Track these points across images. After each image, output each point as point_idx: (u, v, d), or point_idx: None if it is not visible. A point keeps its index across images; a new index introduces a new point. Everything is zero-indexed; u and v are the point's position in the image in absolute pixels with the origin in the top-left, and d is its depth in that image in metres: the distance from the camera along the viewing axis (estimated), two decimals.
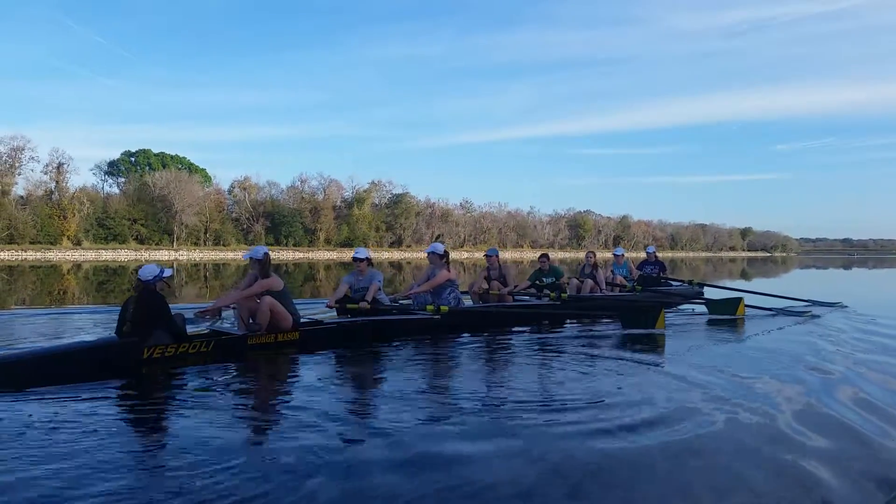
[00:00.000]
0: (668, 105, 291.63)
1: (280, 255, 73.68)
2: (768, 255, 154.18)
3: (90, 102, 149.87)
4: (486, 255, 10.68)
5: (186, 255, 68.65)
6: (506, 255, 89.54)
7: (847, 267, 49.48)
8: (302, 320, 7.37)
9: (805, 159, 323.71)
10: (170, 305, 6.24)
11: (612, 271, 12.95)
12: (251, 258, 7.09)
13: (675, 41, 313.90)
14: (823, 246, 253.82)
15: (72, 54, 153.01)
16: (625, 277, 12.82)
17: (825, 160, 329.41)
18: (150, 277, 6.02)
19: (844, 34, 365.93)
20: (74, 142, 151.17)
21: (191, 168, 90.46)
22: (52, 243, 64.52)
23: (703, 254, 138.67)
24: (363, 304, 7.89)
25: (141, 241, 73.92)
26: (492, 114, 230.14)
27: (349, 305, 8.03)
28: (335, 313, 8.34)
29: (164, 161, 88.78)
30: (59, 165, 68.94)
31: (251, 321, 6.91)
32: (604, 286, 12.07)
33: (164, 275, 6.14)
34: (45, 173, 69.19)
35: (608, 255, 14.13)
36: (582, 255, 13.21)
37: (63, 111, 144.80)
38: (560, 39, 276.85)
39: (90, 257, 57.01)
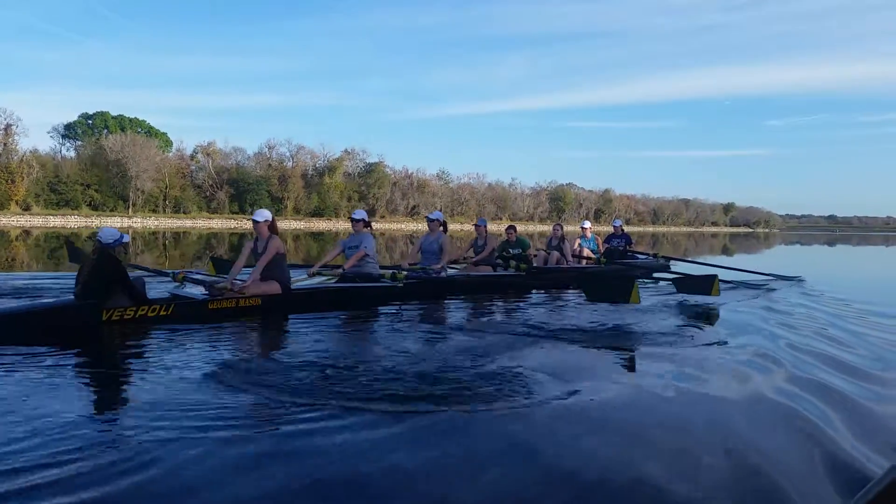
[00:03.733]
0: (661, 79, 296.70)
1: (245, 224, 72.45)
2: (751, 230, 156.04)
3: (73, 65, 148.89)
4: (475, 226, 11.12)
5: (141, 222, 67.53)
6: None
7: (831, 244, 50.20)
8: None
9: (796, 135, 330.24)
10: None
11: (579, 244, 13.45)
12: (259, 220, 7.46)
13: (671, 14, 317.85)
14: (808, 222, 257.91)
15: (57, 15, 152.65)
16: (591, 250, 13.36)
17: (815, 136, 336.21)
18: (111, 241, 6.23)
19: (841, 10, 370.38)
20: (54, 106, 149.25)
21: (150, 132, 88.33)
22: None
23: (685, 229, 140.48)
24: (336, 272, 8.47)
25: (94, 206, 72.39)
26: (483, 86, 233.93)
27: (323, 272, 8.59)
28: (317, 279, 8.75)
29: (123, 124, 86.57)
30: (7, 127, 66.85)
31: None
32: (570, 258, 12.50)
33: (124, 240, 6.40)
34: None
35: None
36: (570, 228, 13.63)
37: (43, 74, 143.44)
38: (555, 12, 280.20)
39: (38, 223, 55.73)
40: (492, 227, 11.99)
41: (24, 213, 63.88)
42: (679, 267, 13.90)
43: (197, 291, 7.43)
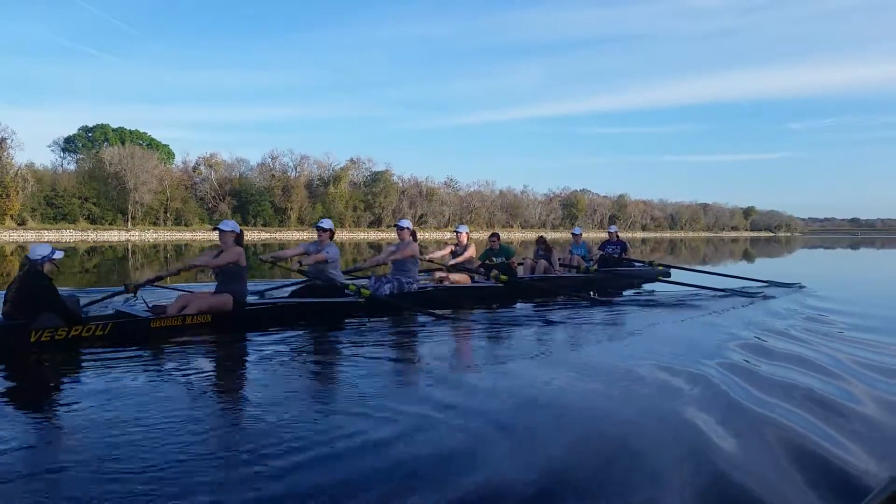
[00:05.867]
0: (679, 83, 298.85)
1: (247, 235, 71.82)
2: (772, 234, 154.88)
3: (89, 80, 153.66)
4: (455, 232, 11.28)
5: (139, 235, 67.37)
6: None
7: (854, 247, 49.43)
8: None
9: (818, 138, 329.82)
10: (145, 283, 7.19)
11: (569, 251, 13.25)
12: (226, 230, 7.42)
13: (689, 18, 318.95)
14: (831, 226, 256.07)
15: (77, 32, 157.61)
16: (582, 257, 13.06)
17: (838, 138, 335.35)
18: (38, 258, 6.06)
19: (862, 10, 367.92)
20: (72, 121, 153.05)
21: (151, 144, 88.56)
22: None
23: (704, 234, 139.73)
24: (294, 266, 8.63)
25: (92, 220, 72.43)
26: (499, 95, 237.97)
27: (280, 264, 8.78)
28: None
29: (123, 137, 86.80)
30: (2, 141, 66.79)
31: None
32: (557, 266, 12.35)
33: (54, 256, 6.16)
34: None
35: (602, 234, 13.96)
36: (584, 234, 13.50)
37: (61, 89, 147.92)
38: (572, 18, 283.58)
39: (31, 238, 55.57)
40: (503, 235, 12.23)
41: (19, 227, 63.92)
42: (677, 274, 13.62)
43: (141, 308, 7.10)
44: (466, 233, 11.03)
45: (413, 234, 9.56)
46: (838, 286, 14.09)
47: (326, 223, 8.82)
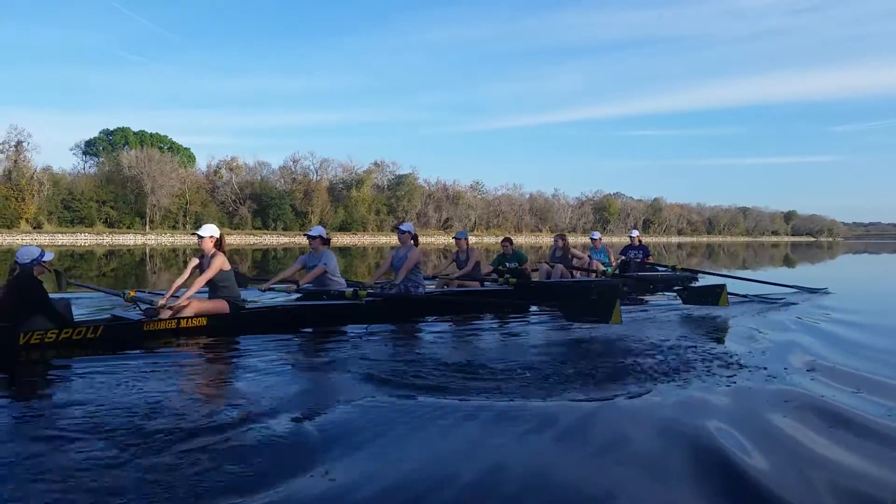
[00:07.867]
0: (720, 85, 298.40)
1: (265, 239, 72.17)
2: (813, 239, 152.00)
3: (125, 86, 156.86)
4: (455, 239, 10.99)
5: (156, 238, 67.53)
6: (521, 239, 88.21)
7: None
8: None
9: (863, 141, 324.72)
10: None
11: (589, 256, 12.92)
12: (204, 236, 7.35)
13: (731, 20, 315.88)
14: (875, 230, 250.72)
15: (120, 39, 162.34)
16: (602, 263, 12.80)
17: (885, 141, 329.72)
18: (28, 260, 6.11)
19: None
20: (98, 126, 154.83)
21: (172, 147, 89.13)
22: (8, 227, 63.54)
23: (743, 238, 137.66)
24: (290, 287, 8.12)
25: (110, 224, 73.01)
26: (537, 98, 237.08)
27: (276, 287, 8.20)
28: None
29: (143, 140, 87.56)
30: (18, 144, 67.96)
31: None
32: (575, 271, 11.98)
33: (44, 258, 6.22)
34: (2, 151, 68.19)
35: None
36: (616, 239, 12.83)
37: (112, 97, 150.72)
38: (612, 20, 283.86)
39: (44, 241, 55.97)
40: (529, 239, 11.43)
41: (34, 231, 64.47)
42: (702, 280, 13.38)
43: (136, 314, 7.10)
44: (466, 238, 10.69)
45: (415, 238, 9.29)
46: (868, 293, 14.21)
47: (315, 231, 8.63)
